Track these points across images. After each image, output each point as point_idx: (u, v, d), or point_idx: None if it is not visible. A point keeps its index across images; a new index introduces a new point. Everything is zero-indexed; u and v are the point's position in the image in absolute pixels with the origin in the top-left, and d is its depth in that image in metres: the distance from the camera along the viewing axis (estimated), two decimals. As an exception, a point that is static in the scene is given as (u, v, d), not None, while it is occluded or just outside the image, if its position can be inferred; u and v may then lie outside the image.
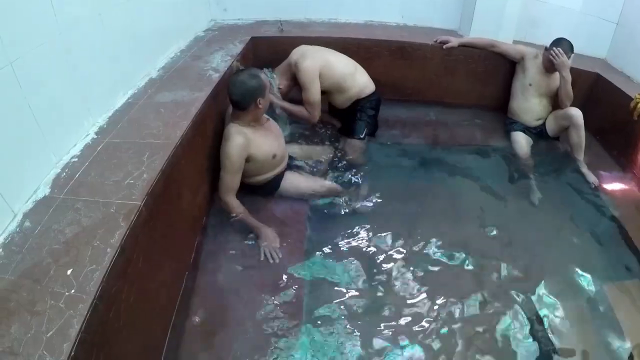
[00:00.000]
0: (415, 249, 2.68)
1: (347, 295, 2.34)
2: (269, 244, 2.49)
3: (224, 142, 2.49)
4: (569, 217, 3.11)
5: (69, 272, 1.40)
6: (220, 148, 2.51)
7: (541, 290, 2.49)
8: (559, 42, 3.43)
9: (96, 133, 2.13)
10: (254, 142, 2.52)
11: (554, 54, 3.38)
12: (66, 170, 1.86)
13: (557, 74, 3.48)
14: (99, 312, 1.35)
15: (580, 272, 2.61)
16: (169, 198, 1.99)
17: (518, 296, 2.42)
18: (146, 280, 1.76)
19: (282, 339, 2.06)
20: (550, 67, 3.48)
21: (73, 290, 1.34)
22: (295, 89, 3.32)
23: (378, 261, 2.57)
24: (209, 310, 2.17)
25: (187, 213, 2.32)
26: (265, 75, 2.59)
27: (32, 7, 1.75)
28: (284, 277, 2.36)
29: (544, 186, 3.31)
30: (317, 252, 2.56)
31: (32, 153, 1.76)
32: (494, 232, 2.86)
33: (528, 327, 2.26)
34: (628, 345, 2.19)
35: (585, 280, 2.57)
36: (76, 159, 1.93)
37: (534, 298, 2.43)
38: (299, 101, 3.22)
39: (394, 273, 2.51)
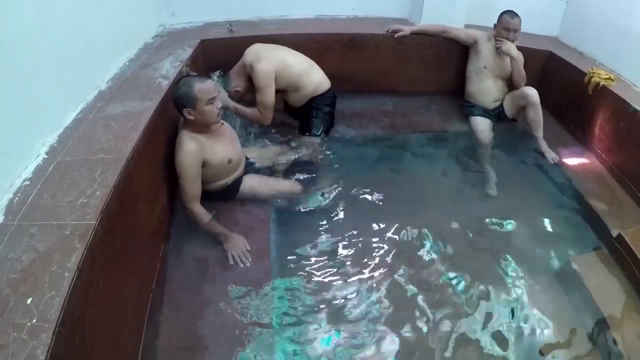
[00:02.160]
0: (381, 238, 2.72)
1: (316, 288, 2.39)
2: (237, 250, 2.48)
3: (176, 151, 2.44)
4: (531, 194, 3.22)
5: (28, 301, 1.37)
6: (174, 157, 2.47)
7: (509, 268, 2.56)
8: (502, 17, 3.57)
9: (47, 153, 2.07)
10: (207, 147, 2.48)
11: (498, 45, 3.56)
12: (19, 195, 1.81)
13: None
14: (63, 340, 1.32)
15: (546, 247, 2.71)
16: (125, 213, 1.95)
17: (487, 276, 2.49)
18: (110, 301, 1.73)
19: (256, 345, 2.07)
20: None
21: (35, 320, 1.31)
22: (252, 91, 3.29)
23: (345, 255, 2.61)
24: (178, 323, 2.15)
25: (146, 226, 2.29)
26: (211, 81, 2.54)
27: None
28: (253, 282, 2.36)
29: (505, 167, 3.42)
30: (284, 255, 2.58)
31: (-17, 181, 1.71)
32: (458, 216, 2.93)
33: (499, 306, 2.33)
34: (599, 312, 2.25)
35: (553, 255, 2.67)
36: (28, 182, 1.88)
37: (503, 276, 2.50)
38: (253, 103, 3.19)
39: (362, 263, 2.56)
